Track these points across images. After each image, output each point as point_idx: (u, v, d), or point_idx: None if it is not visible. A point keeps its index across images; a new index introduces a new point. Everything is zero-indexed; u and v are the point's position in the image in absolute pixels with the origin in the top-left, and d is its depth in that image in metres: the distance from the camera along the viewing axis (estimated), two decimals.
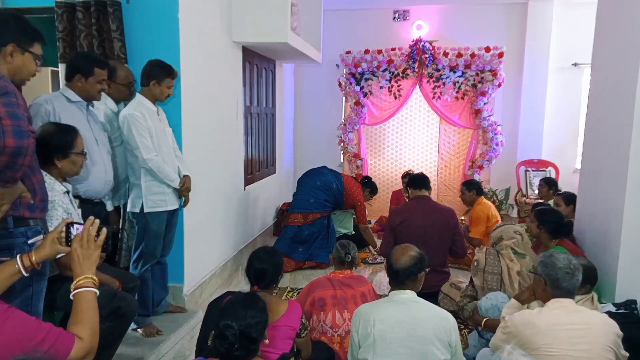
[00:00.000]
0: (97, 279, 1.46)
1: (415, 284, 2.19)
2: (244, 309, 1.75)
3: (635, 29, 2.87)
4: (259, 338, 1.79)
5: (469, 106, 6.48)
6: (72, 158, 2.25)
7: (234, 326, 1.69)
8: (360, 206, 5.10)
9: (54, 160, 2.21)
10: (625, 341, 2.49)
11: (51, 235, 1.60)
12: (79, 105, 2.67)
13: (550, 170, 6.34)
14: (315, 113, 7.19)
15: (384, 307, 2.14)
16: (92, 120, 2.75)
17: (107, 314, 2.25)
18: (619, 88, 3.07)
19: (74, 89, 2.64)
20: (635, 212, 2.91)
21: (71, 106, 2.63)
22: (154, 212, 3.02)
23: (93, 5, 3.24)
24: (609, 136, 3.21)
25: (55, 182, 2.20)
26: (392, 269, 2.17)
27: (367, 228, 5.20)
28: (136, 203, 3.02)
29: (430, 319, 2.07)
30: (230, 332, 1.69)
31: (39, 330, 1.28)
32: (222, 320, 1.71)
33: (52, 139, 2.21)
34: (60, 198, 2.18)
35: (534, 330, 1.98)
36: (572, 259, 2.11)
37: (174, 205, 3.14)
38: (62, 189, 2.22)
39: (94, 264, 1.47)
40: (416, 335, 2.02)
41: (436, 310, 2.15)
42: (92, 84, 2.65)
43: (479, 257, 3.23)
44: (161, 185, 3.02)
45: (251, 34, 4.37)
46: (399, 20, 6.80)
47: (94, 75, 2.64)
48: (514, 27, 6.49)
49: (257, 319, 1.76)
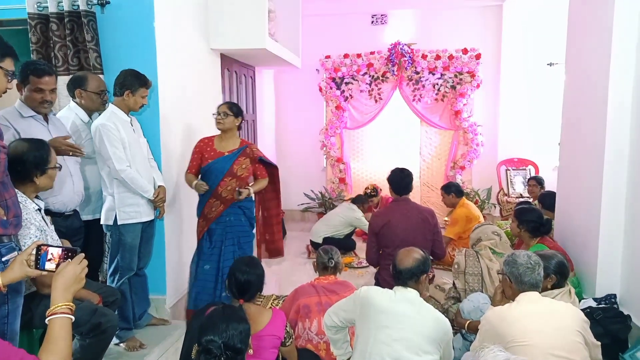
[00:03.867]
0: (74, 306, 1.43)
1: (419, 286, 2.26)
2: (224, 322, 1.74)
3: (605, 29, 2.94)
4: (243, 348, 1.78)
5: (448, 108, 6.55)
6: (49, 173, 2.21)
7: (216, 340, 1.68)
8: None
9: (33, 177, 2.15)
10: (607, 334, 2.55)
11: (20, 257, 1.56)
12: (35, 118, 2.62)
13: (530, 169, 6.43)
14: (296, 118, 7.19)
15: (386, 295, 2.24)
16: (55, 129, 2.69)
17: (87, 330, 2.22)
18: (592, 87, 3.14)
19: (23, 101, 2.60)
20: (612, 209, 2.97)
21: (28, 120, 2.58)
22: (128, 224, 2.96)
23: (67, 16, 3.20)
24: (584, 134, 3.27)
25: (27, 200, 2.15)
26: (396, 269, 2.27)
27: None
28: (109, 215, 2.97)
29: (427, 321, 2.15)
30: (214, 345, 1.68)
31: (11, 355, 1.25)
32: (204, 336, 1.70)
33: (28, 156, 2.14)
34: (33, 216, 2.13)
35: (506, 323, 2.05)
36: (532, 255, 2.23)
37: (149, 217, 3.08)
38: (34, 207, 2.17)
39: (72, 294, 1.45)
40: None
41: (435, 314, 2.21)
42: (29, 93, 2.59)
43: (459, 260, 3.26)
44: (134, 196, 2.96)
45: (229, 40, 4.35)
46: (377, 24, 6.84)
47: (30, 83, 2.57)
48: (490, 29, 6.59)
49: (239, 329, 1.75)
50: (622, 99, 2.87)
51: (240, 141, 3.48)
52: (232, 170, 3.36)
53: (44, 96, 2.61)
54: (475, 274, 3.19)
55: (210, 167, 3.38)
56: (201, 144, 3.46)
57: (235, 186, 3.38)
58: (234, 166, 3.37)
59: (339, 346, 2.46)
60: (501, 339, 2.03)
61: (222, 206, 3.40)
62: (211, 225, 3.41)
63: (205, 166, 3.40)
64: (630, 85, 2.86)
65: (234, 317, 1.77)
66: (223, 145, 3.42)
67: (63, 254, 1.52)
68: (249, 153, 3.44)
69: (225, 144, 3.42)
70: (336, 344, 2.46)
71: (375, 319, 2.16)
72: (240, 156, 3.41)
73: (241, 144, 3.45)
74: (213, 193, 3.37)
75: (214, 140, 3.45)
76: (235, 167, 3.37)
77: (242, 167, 3.41)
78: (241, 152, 3.42)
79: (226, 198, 3.38)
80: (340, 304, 2.40)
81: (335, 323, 2.37)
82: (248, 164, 3.44)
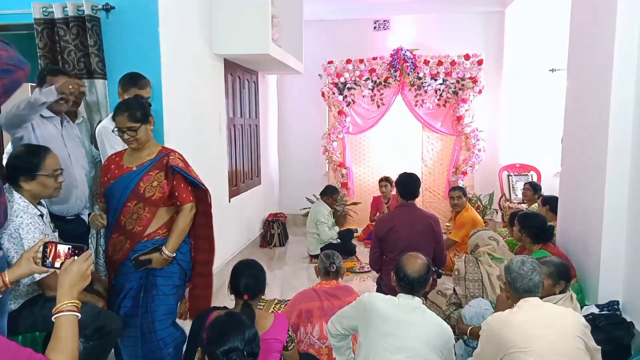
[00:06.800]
0: (79, 304, 1.44)
1: (422, 291, 2.27)
2: (238, 328, 1.74)
3: (607, 35, 2.94)
4: (258, 351, 1.79)
5: (450, 113, 6.56)
6: (40, 180, 2.22)
7: (238, 347, 1.68)
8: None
9: (20, 182, 2.20)
10: (609, 341, 2.54)
11: (27, 254, 1.57)
12: (52, 121, 2.68)
13: (532, 174, 6.43)
14: (299, 123, 7.21)
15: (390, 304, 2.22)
16: (68, 135, 2.74)
17: (91, 332, 2.23)
18: (594, 93, 3.14)
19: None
20: (615, 215, 2.96)
21: (45, 122, 2.64)
22: None
23: (72, 21, 3.22)
24: (586, 140, 3.27)
25: (29, 205, 2.18)
26: (408, 279, 2.21)
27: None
28: None
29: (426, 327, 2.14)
30: (237, 354, 1.69)
31: (19, 354, 1.26)
32: (222, 347, 1.69)
33: (18, 161, 2.22)
34: (35, 220, 2.16)
35: (507, 329, 2.04)
36: (527, 262, 2.21)
37: None
38: (35, 212, 2.19)
39: (78, 291, 1.46)
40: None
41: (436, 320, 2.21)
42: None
43: (459, 266, 3.26)
44: None
45: (232, 45, 4.38)
46: (379, 29, 6.87)
47: (46, 82, 2.65)
48: (492, 34, 6.61)
49: (252, 332, 1.78)
50: (624, 105, 2.87)
51: (160, 149, 2.53)
52: (137, 190, 2.41)
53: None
54: (475, 280, 3.19)
55: (111, 190, 2.49)
56: (106, 162, 2.60)
57: (144, 213, 2.42)
58: (140, 184, 2.41)
59: (342, 352, 2.45)
60: (502, 344, 2.03)
61: (127, 243, 2.46)
62: (119, 270, 2.51)
63: (107, 189, 2.52)
64: (632, 91, 2.86)
65: (245, 322, 1.79)
66: (133, 159, 2.49)
67: (70, 252, 1.53)
68: (165, 164, 2.45)
69: (136, 156, 2.49)
70: (339, 351, 2.45)
71: (379, 326, 2.15)
72: (152, 169, 2.43)
73: (159, 152, 2.50)
74: (115, 225, 2.47)
75: (123, 155, 2.55)
76: (141, 186, 2.41)
77: (152, 184, 2.42)
78: (154, 164, 2.45)
79: (132, 232, 2.44)
80: (342, 311, 2.38)
81: (339, 331, 2.36)
82: (162, 180, 2.43)
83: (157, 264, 2.44)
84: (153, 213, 2.44)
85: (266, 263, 5.37)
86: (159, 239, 2.47)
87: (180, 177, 2.45)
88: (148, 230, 2.46)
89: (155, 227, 2.48)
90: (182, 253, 2.54)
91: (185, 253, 2.57)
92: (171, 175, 2.44)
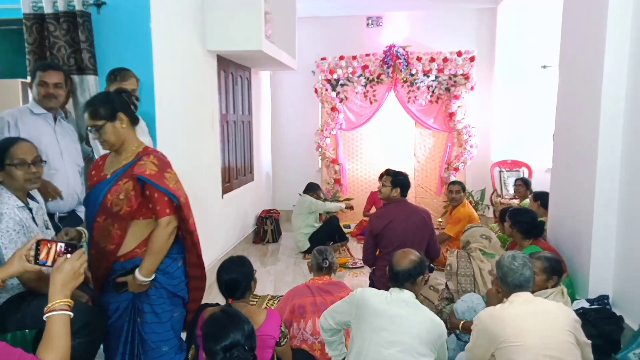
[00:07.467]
0: (72, 302, 1.44)
1: (415, 287, 2.28)
2: (236, 324, 1.75)
3: (598, 32, 2.97)
4: (255, 346, 1.80)
5: (442, 109, 6.58)
6: (7, 170, 2.15)
7: (240, 341, 1.69)
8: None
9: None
10: (600, 335, 2.57)
11: (19, 252, 1.56)
12: (44, 117, 2.66)
13: (524, 170, 6.47)
14: (292, 119, 7.21)
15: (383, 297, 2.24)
16: (62, 131, 2.71)
17: (77, 329, 2.20)
18: (586, 89, 3.17)
19: (35, 97, 2.67)
20: (605, 210, 2.99)
21: (35, 118, 2.62)
22: None
23: (63, 16, 3.19)
24: (577, 136, 3.29)
25: (11, 197, 2.13)
26: (393, 271, 2.28)
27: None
28: None
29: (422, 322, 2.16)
30: (238, 349, 1.69)
31: (9, 355, 1.25)
32: (222, 342, 1.70)
33: None
34: (14, 212, 2.10)
35: (500, 323, 2.06)
36: (517, 257, 2.24)
37: None
38: (16, 203, 2.14)
39: (71, 290, 1.45)
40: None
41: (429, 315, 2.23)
42: (35, 88, 2.67)
43: (451, 261, 3.29)
44: None
45: (225, 42, 4.36)
46: (372, 26, 6.87)
47: (36, 78, 2.66)
48: (484, 31, 6.64)
49: (250, 326, 1.79)
50: (615, 101, 2.90)
51: (140, 151, 2.19)
52: (104, 204, 2.11)
53: (47, 89, 2.67)
54: (467, 275, 3.22)
55: (86, 200, 2.27)
56: (91, 166, 2.35)
57: (114, 230, 2.11)
58: (108, 197, 2.10)
59: (334, 347, 2.47)
60: (494, 339, 2.05)
61: (105, 262, 2.18)
62: (103, 288, 2.26)
63: (84, 198, 2.32)
64: (623, 87, 2.88)
65: (242, 317, 1.80)
66: (113, 164, 2.20)
67: (62, 250, 1.53)
68: (135, 171, 2.09)
69: (116, 160, 2.20)
70: (331, 345, 2.47)
71: (371, 321, 2.17)
72: (123, 177, 2.11)
73: (136, 155, 2.16)
74: (91, 242, 2.20)
75: (106, 158, 2.28)
76: (108, 199, 2.10)
77: (118, 197, 2.09)
78: (125, 171, 2.12)
79: (106, 250, 2.15)
80: (335, 306, 2.40)
81: (332, 326, 2.37)
82: (130, 191, 2.09)
83: (133, 288, 2.12)
84: (124, 230, 2.12)
85: (259, 259, 5.37)
86: (139, 258, 2.13)
87: (152, 185, 2.08)
88: (122, 249, 2.16)
89: (133, 246, 2.16)
90: (168, 273, 2.19)
91: (174, 272, 2.23)
92: (138, 185, 2.08)
